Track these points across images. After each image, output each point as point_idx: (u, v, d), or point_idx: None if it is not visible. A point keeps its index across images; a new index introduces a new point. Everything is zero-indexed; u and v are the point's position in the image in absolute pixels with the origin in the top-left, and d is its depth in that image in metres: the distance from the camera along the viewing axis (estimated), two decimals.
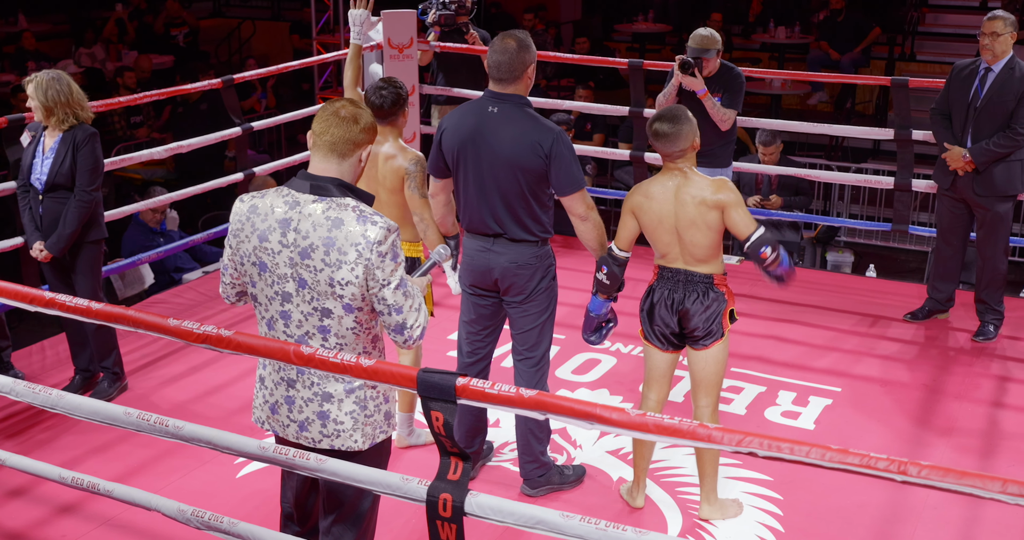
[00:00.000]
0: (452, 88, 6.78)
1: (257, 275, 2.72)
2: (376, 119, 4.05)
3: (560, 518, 2.41)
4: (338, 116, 2.67)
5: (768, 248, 3.55)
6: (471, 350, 3.96)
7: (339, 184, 2.67)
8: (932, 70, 10.98)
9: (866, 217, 9.03)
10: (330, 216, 2.62)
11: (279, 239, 2.65)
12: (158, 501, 2.92)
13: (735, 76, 5.52)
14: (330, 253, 2.61)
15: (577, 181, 3.64)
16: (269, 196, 2.71)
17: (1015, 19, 5.15)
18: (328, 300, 2.65)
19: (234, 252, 2.76)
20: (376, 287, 2.64)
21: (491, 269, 3.75)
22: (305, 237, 2.63)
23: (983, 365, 5.20)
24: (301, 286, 2.66)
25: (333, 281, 2.62)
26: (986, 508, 3.86)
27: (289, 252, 2.65)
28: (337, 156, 2.68)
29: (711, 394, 3.77)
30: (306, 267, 2.64)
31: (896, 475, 2.05)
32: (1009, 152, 5.13)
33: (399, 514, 3.82)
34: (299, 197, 2.67)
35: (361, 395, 2.74)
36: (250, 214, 2.70)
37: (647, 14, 12.87)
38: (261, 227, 2.68)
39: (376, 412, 2.79)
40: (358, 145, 2.68)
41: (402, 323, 2.69)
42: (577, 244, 6.69)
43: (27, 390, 2.99)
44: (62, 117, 4.40)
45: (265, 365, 2.82)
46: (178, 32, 13.29)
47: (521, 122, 3.61)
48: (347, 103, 2.72)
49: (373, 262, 2.60)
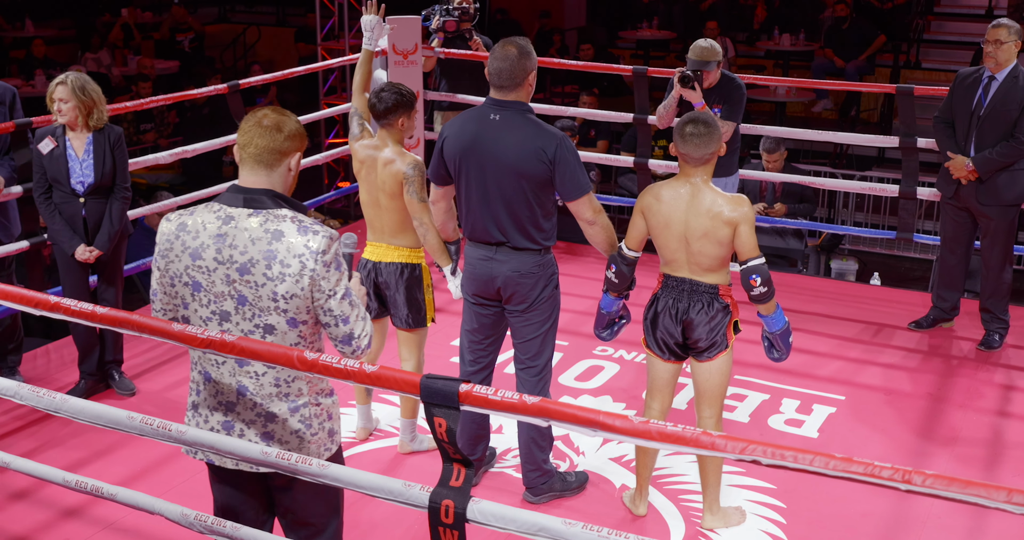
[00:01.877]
0: (455, 94, 6.79)
1: (190, 296, 2.61)
2: (376, 120, 4.08)
3: (562, 525, 2.41)
4: (260, 126, 2.57)
5: (759, 278, 3.54)
6: (474, 359, 3.95)
7: (273, 195, 2.58)
8: (937, 78, 10.98)
9: (871, 225, 9.03)
10: (268, 228, 2.53)
11: (214, 256, 2.55)
12: (161, 505, 2.92)
13: (736, 88, 5.50)
14: (272, 266, 2.52)
15: (583, 186, 3.63)
16: (199, 213, 2.60)
17: (1020, 28, 5.13)
18: (271, 315, 2.56)
19: (163, 274, 2.64)
20: (322, 298, 2.55)
21: (494, 278, 3.74)
22: (243, 252, 2.53)
23: (987, 374, 5.19)
24: (241, 303, 2.57)
25: (277, 295, 2.54)
26: (990, 518, 3.85)
27: (226, 269, 2.55)
28: (264, 167, 2.58)
29: (714, 405, 3.76)
30: (246, 283, 2.54)
31: (900, 484, 2.04)
32: (1012, 161, 5.12)
33: (401, 521, 3.81)
34: (232, 211, 2.56)
35: (306, 413, 2.68)
36: (179, 232, 2.59)
37: (651, 21, 12.89)
38: (192, 245, 2.57)
39: (320, 430, 2.72)
40: (284, 153, 2.58)
41: (349, 333, 2.62)
42: (581, 251, 6.71)
43: (31, 394, 3.00)
44: (98, 116, 4.50)
45: (199, 391, 2.73)
46: (184, 37, 13.34)
47: (523, 128, 3.60)
48: (270, 112, 2.61)
49: (318, 273, 2.52)
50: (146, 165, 5.84)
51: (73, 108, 4.42)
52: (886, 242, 8.81)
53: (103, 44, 12.67)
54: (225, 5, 16.23)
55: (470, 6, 6.72)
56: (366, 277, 4.16)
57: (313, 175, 8.61)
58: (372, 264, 4.15)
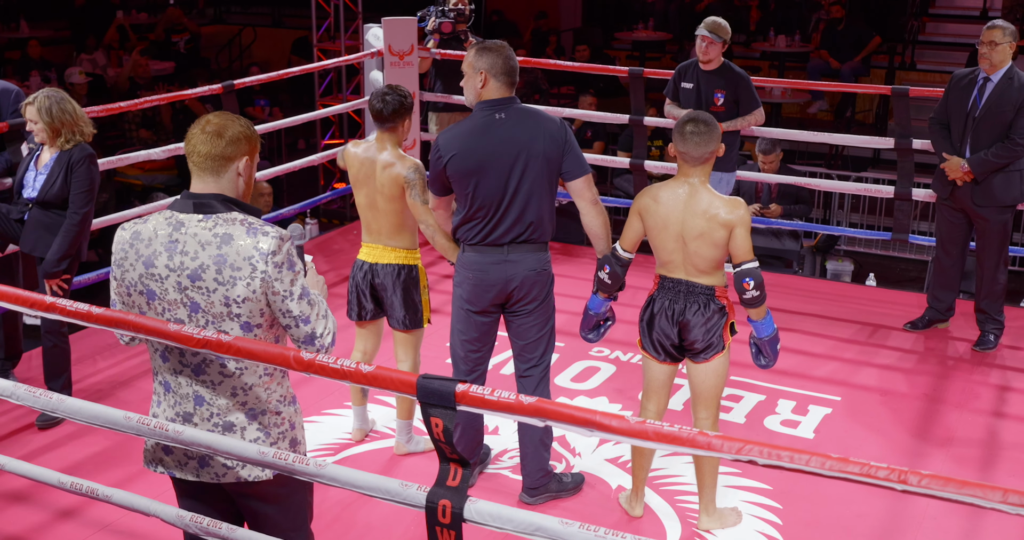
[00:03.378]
0: (451, 95, 6.79)
1: (145, 304, 2.58)
2: (376, 123, 4.08)
3: (559, 525, 2.41)
4: (204, 132, 2.53)
5: (752, 282, 3.55)
6: (470, 368, 3.91)
7: (223, 199, 2.54)
8: (932, 79, 11.00)
9: (866, 226, 9.05)
10: (218, 233, 2.49)
11: (166, 263, 2.51)
12: (157, 507, 2.91)
13: (741, 76, 5.70)
14: (222, 271, 2.48)
15: (586, 164, 3.75)
16: (152, 220, 2.56)
17: (1015, 29, 5.14)
18: (224, 322, 2.53)
19: (119, 284, 2.61)
20: (278, 300, 2.51)
21: (509, 280, 3.73)
22: (194, 258, 2.49)
23: (983, 375, 5.20)
24: (194, 311, 2.53)
25: (229, 300, 2.50)
26: (986, 519, 3.85)
27: (176, 276, 2.51)
28: (211, 173, 2.54)
29: (711, 407, 3.76)
30: (197, 289, 2.50)
31: (896, 484, 2.04)
32: (1008, 162, 5.13)
33: (400, 521, 3.81)
34: (182, 217, 2.53)
35: (265, 421, 2.65)
36: (133, 241, 2.55)
37: (647, 22, 12.90)
38: (145, 253, 2.53)
39: (281, 439, 2.67)
40: (229, 159, 2.54)
41: (311, 333, 2.58)
42: (578, 252, 6.71)
43: (28, 394, 2.99)
44: (68, 137, 4.41)
45: (159, 402, 2.70)
46: (179, 38, 13.32)
47: (533, 116, 3.72)
48: (213, 117, 2.57)
49: (270, 274, 2.48)
50: (139, 163, 5.82)
51: (41, 129, 4.39)
52: (882, 243, 8.82)
53: (98, 45, 12.65)
54: (221, 6, 16.22)
55: (465, 7, 6.73)
56: (363, 278, 4.16)
57: (309, 176, 8.60)
58: (368, 265, 4.15)
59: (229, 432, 2.62)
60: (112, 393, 4.82)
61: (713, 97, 5.68)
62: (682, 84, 5.84)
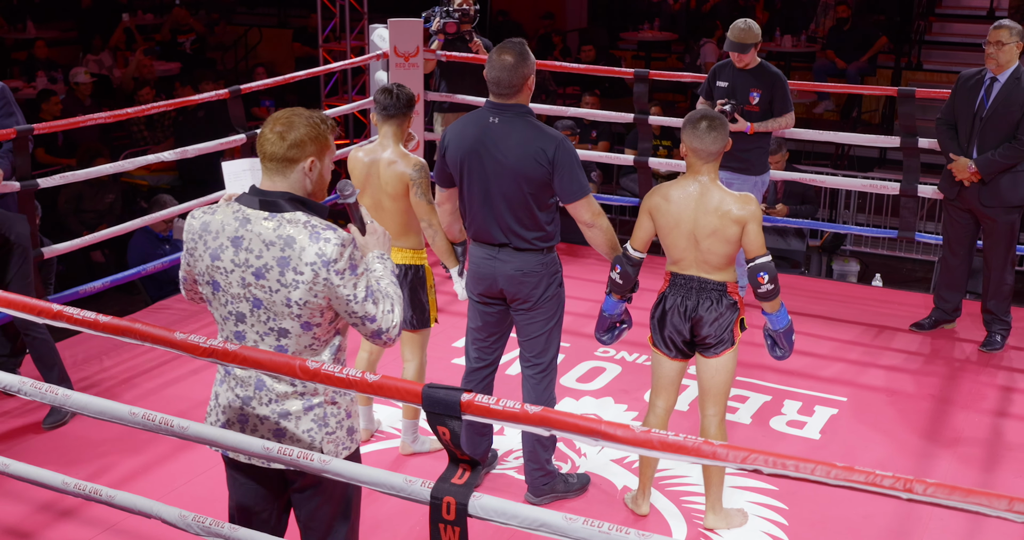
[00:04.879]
0: (455, 95, 6.79)
1: (211, 294, 2.64)
2: (381, 118, 4.07)
3: (564, 521, 2.41)
4: (272, 132, 2.57)
5: (767, 276, 3.56)
6: (477, 356, 3.96)
7: (290, 198, 2.57)
8: (939, 79, 10.98)
9: (872, 226, 9.02)
10: (281, 234, 2.53)
11: (231, 258, 2.57)
12: (159, 508, 2.92)
13: (777, 76, 5.70)
14: (285, 273, 2.52)
15: (582, 188, 3.63)
16: (220, 212, 2.62)
17: (1022, 29, 5.12)
18: (285, 320, 2.58)
19: (190, 270, 2.69)
20: (342, 304, 2.56)
21: (496, 277, 3.75)
22: (258, 256, 2.54)
23: (989, 375, 5.18)
24: (256, 306, 2.58)
25: (290, 301, 2.55)
26: (992, 520, 3.83)
27: (241, 272, 2.56)
28: (277, 173, 2.58)
29: (719, 403, 3.76)
30: (260, 287, 2.55)
31: (902, 493, 2.04)
32: (1015, 162, 5.11)
33: (406, 519, 3.81)
34: (249, 213, 2.57)
35: (320, 413, 2.67)
36: (202, 232, 2.61)
37: (653, 22, 12.90)
38: (213, 245, 2.59)
39: (339, 428, 2.72)
40: (292, 161, 2.56)
41: (377, 330, 2.62)
42: (583, 252, 6.71)
43: (35, 389, 3.00)
44: None
45: (222, 382, 2.73)
46: (185, 39, 13.34)
47: (523, 131, 3.60)
48: (282, 116, 2.59)
49: (332, 281, 2.53)
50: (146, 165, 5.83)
51: None
52: (888, 243, 8.81)
53: (104, 46, 12.68)
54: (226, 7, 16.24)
55: (470, 8, 6.73)
56: None
57: None
58: None
59: (284, 420, 2.67)
60: (119, 393, 4.82)
61: (749, 96, 5.66)
62: (717, 83, 5.79)
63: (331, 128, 2.63)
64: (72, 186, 7.49)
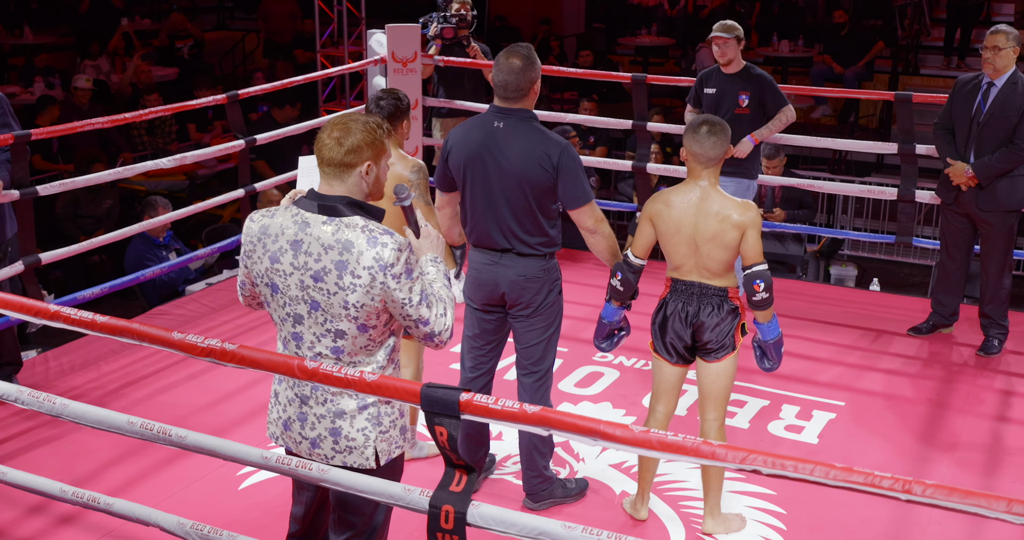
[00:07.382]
0: (453, 100, 6.79)
1: (270, 296, 2.71)
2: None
3: (563, 529, 2.41)
4: (329, 138, 2.63)
5: (762, 284, 3.56)
6: (474, 364, 3.95)
7: (348, 202, 2.63)
8: (936, 84, 10.99)
9: (870, 231, 9.03)
10: (340, 239, 2.58)
11: (291, 261, 2.63)
12: (157, 516, 2.92)
13: (763, 76, 5.74)
14: (343, 277, 2.58)
15: (585, 194, 3.64)
16: (279, 216, 2.67)
17: (1018, 34, 5.14)
18: (342, 322, 2.63)
19: (248, 272, 2.76)
20: (397, 307, 2.62)
21: (498, 282, 3.74)
22: (317, 260, 2.60)
23: (987, 379, 5.19)
24: (314, 308, 2.64)
25: (348, 304, 2.60)
26: (990, 523, 3.83)
27: (300, 275, 2.62)
28: (335, 177, 2.64)
29: (719, 408, 3.76)
30: (319, 290, 2.61)
31: (900, 494, 2.04)
32: (1012, 167, 5.12)
33: (404, 527, 3.81)
34: (308, 217, 2.63)
35: (375, 412, 2.72)
36: (261, 235, 2.68)
37: (650, 28, 12.91)
38: (272, 248, 2.65)
39: (392, 427, 2.77)
40: (350, 165, 2.62)
41: (430, 333, 2.69)
42: (582, 257, 6.71)
43: (32, 398, 3.00)
44: None
45: (280, 381, 2.80)
46: (183, 44, 13.33)
47: (528, 136, 3.61)
48: (339, 122, 2.65)
49: (389, 285, 2.58)
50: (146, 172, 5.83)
51: None
52: (885, 248, 8.82)
53: (102, 51, 12.67)
54: (224, 12, 16.25)
55: (467, 13, 6.74)
56: None
57: None
58: None
59: (340, 419, 2.71)
60: (115, 399, 4.82)
61: (738, 99, 5.69)
62: (705, 90, 5.82)
63: (387, 132, 2.70)
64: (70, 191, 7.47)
